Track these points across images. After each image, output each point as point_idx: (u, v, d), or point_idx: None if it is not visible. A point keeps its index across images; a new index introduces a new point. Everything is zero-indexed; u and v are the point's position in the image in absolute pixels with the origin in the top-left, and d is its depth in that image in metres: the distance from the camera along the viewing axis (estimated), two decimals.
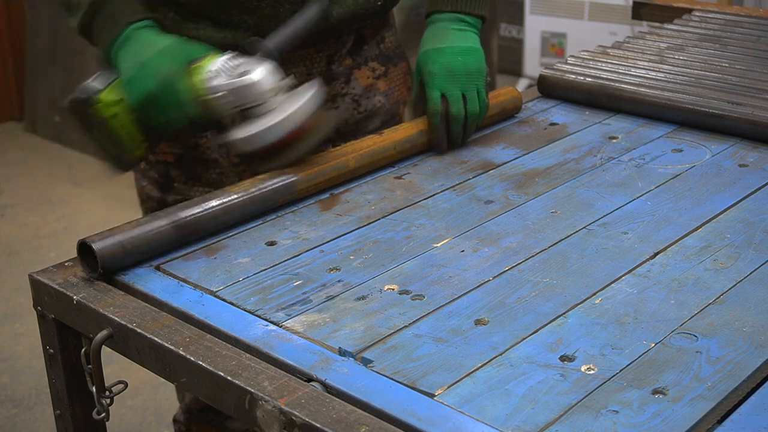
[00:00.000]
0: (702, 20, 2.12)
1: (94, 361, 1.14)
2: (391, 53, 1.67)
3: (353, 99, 1.62)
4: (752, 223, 1.30)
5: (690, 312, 1.09)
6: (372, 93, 1.64)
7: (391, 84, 1.67)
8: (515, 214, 1.35)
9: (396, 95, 1.68)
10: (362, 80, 1.62)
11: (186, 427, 1.80)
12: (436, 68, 1.52)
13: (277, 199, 1.36)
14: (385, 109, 1.66)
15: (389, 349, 1.03)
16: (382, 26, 1.66)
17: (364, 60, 1.62)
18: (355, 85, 1.61)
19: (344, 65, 1.60)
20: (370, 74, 1.63)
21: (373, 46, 1.64)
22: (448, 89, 1.52)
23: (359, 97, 1.62)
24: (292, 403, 0.94)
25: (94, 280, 1.18)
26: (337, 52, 1.58)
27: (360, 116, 1.63)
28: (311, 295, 1.15)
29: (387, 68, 1.66)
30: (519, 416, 0.92)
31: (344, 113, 1.56)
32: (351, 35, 1.60)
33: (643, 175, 1.46)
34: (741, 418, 0.92)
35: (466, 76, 1.53)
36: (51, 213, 3.88)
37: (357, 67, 1.62)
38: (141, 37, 1.35)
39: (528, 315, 1.09)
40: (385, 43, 1.66)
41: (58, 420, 1.26)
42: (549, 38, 4.74)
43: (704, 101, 1.64)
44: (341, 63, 1.59)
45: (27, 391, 2.75)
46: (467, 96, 1.53)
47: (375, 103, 1.64)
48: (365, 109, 1.63)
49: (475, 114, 1.54)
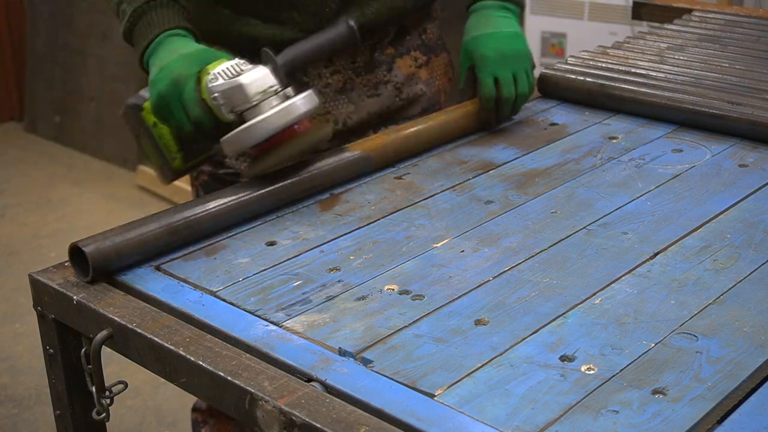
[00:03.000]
0: (702, 20, 2.12)
1: (94, 361, 1.14)
2: (433, 44, 1.72)
3: (395, 86, 1.67)
4: (752, 223, 1.30)
5: (690, 312, 1.09)
6: (414, 81, 1.68)
7: (432, 73, 1.71)
8: (515, 214, 1.35)
9: (437, 84, 1.73)
10: (404, 69, 1.67)
11: (203, 417, 1.80)
12: (489, 52, 1.58)
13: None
14: (426, 97, 1.70)
15: (389, 349, 1.03)
16: (425, 18, 1.71)
17: (407, 50, 1.68)
18: (398, 73, 1.66)
19: (386, 54, 1.65)
20: (412, 63, 1.68)
21: (415, 37, 1.69)
22: (501, 72, 1.57)
23: (401, 85, 1.67)
24: (292, 403, 0.94)
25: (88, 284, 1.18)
26: (379, 41, 1.63)
27: (401, 103, 1.67)
28: (311, 295, 1.15)
29: (429, 58, 1.71)
30: (519, 416, 0.92)
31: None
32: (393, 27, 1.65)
33: (643, 175, 1.46)
34: (741, 418, 0.92)
35: (516, 59, 1.59)
36: (51, 213, 3.89)
37: (399, 56, 1.67)
38: (169, 44, 1.40)
39: (528, 315, 1.09)
40: (427, 33, 1.71)
41: (58, 420, 1.26)
42: (549, 38, 4.74)
43: (704, 101, 1.64)
44: (383, 52, 1.65)
45: (27, 391, 2.75)
46: (517, 77, 1.58)
47: (416, 90, 1.69)
48: (407, 96, 1.68)
49: (524, 95, 1.61)
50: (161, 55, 1.39)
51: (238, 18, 1.57)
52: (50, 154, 4.48)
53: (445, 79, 1.76)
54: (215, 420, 1.79)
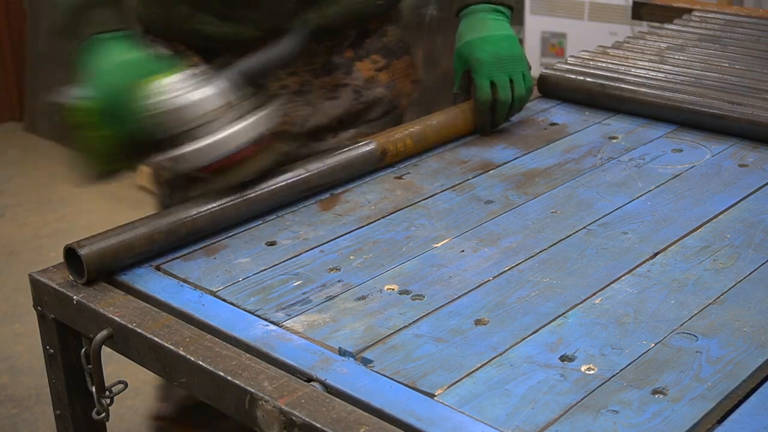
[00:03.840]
0: (702, 20, 2.12)
1: (94, 361, 1.14)
2: (394, 47, 1.69)
3: (354, 90, 1.63)
4: (752, 223, 1.30)
5: (690, 312, 1.09)
6: (373, 84, 1.66)
7: (392, 77, 1.69)
8: (515, 214, 1.35)
9: (397, 87, 1.70)
10: (364, 72, 1.64)
11: (167, 425, 1.78)
12: (484, 56, 1.57)
13: None
14: (386, 101, 1.68)
15: (389, 349, 1.03)
16: (385, 21, 1.68)
17: (366, 53, 1.65)
18: (357, 76, 1.63)
19: (345, 57, 1.62)
20: (372, 66, 1.65)
21: (375, 40, 1.66)
22: (497, 76, 1.57)
23: (361, 88, 1.64)
24: (292, 403, 0.94)
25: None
26: (338, 44, 1.60)
27: (360, 106, 1.64)
28: (311, 295, 1.15)
29: (389, 61, 1.68)
30: (519, 416, 0.92)
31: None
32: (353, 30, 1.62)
33: (643, 175, 1.46)
34: (741, 418, 0.92)
35: (512, 61, 1.58)
36: (51, 213, 3.88)
37: (359, 59, 1.64)
38: (105, 47, 1.33)
39: (528, 315, 1.09)
40: (387, 36, 1.68)
41: (58, 420, 1.26)
42: (549, 38, 4.74)
43: (704, 101, 1.64)
44: (342, 55, 1.62)
45: (27, 391, 2.75)
46: (514, 80, 1.58)
47: (376, 94, 1.66)
48: (366, 99, 1.65)
49: (521, 97, 1.60)
50: (96, 59, 1.32)
51: (195, 15, 1.53)
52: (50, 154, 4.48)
53: (406, 82, 1.73)
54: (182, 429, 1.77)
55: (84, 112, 1.28)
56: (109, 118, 1.28)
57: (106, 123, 1.29)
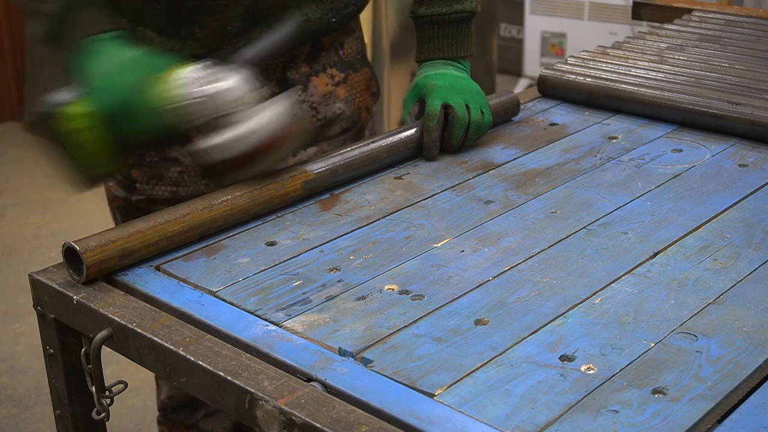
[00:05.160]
0: (702, 20, 2.12)
1: (94, 361, 1.14)
2: (352, 59, 1.65)
3: (311, 106, 1.59)
4: (752, 223, 1.30)
5: (690, 312, 1.09)
6: (331, 100, 1.61)
7: (351, 90, 1.64)
8: (515, 214, 1.35)
9: (357, 101, 1.66)
10: (320, 87, 1.60)
11: (168, 429, 1.78)
12: (440, 82, 1.53)
13: None
14: (345, 116, 1.63)
15: (389, 349, 1.03)
16: (342, 33, 1.63)
17: (322, 67, 1.60)
18: (314, 92, 1.59)
19: (300, 72, 1.58)
20: (329, 81, 1.61)
21: (331, 53, 1.61)
22: (452, 98, 1.52)
23: (318, 105, 1.59)
24: (292, 403, 0.94)
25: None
26: (292, 59, 1.56)
27: (318, 123, 1.60)
28: (311, 295, 1.15)
29: (347, 74, 1.63)
30: (519, 416, 0.92)
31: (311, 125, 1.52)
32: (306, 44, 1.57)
33: (643, 175, 1.46)
34: (741, 417, 0.92)
35: (469, 92, 1.54)
36: (51, 213, 3.89)
37: (314, 74, 1.59)
38: (107, 48, 1.31)
39: (528, 315, 1.09)
40: (344, 49, 1.63)
41: (58, 420, 1.26)
42: (549, 38, 4.74)
43: (704, 101, 1.64)
44: (297, 70, 1.57)
45: (27, 391, 2.75)
46: (471, 107, 1.53)
47: (335, 110, 1.61)
48: (324, 116, 1.60)
49: (478, 122, 1.53)
50: (100, 60, 1.30)
51: (136, 30, 1.48)
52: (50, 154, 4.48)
53: (366, 95, 1.68)
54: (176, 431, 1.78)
55: (79, 116, 1.26)
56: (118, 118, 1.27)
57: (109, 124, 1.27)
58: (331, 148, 1.58)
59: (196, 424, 1.75)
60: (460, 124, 1.51)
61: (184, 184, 1.55)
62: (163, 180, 1.55)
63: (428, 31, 1.61)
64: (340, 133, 1.63)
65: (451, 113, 1.51)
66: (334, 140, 1.62)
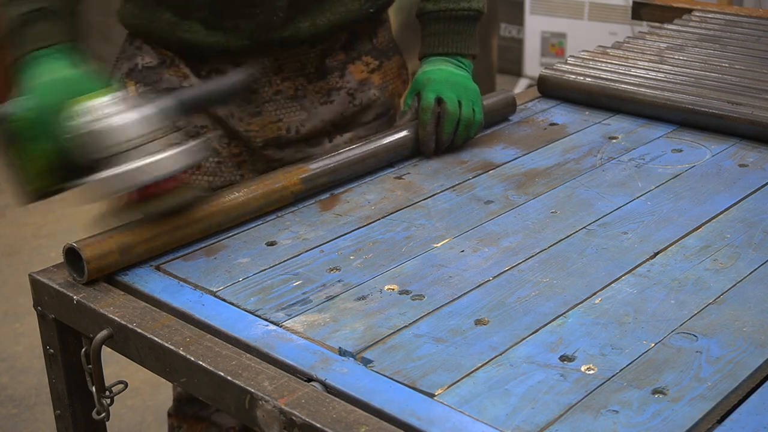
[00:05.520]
0: (702, 20, 2.12)
1: (94, 361, 1.14)
2: (384, 47, 1.69)
3: (348, 92, 1.63)
4: (752, 223, 1.30)
5: (690, 312, 1.09)
6: (367, 86, 1.65)
7: (385, 77, 1.68)
8: (515, 214, 1.35)
9: (391, 88, 1.70)
10: (357, 74, 1.64)
11: (178, 422, 1.79)
12: (435, 76, 1.56)
13: None
14: (380, 102, 1.67)
15: (389, 349, 1.03)
16: (375, 23, 1.68)
17: (358, 54, 1.64)
18: (350, 79, 1.63)
19: (337, 60, 1.62)
20: (365, 68, 1.65)
21: (366, 42, 1.65)
22: (445, 93, 1.54)
23: (354, 91, 1.64)
24: (292, 403, 0.94)
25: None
26: (330, 47, 1.60)
27: (355, 109, 1.64)
28: (311, 295, 1.15)
29: (381, 62, 1.68)
30: (519, 416, 0.92)
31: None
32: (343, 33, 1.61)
33: (643, 175, 1.46)
34: (741, 417, 0.92)
35: (464, 88, 1.57)
36: (51, 213, 3.88)
37: (351, 61, 1.63)
38: (43, 63, 1.29)
39: (528, 315, 1.09)
40: (378, 38, 1.68)
41: (58, 420, 1.26)
42: (549, 38, 4.74)
43: (704, 101, 1.64)
44: (334, 58, 1.61)
45: (27, 391, 2.75)
46: (462, 103, 1.55)
47: (370, 96, 1.65)
48: (360, 102, 1.64)
49: (469, 119, 1.55)
50: (33, 73, 1.27)
51: (181, 23, 1.49)
52: None
53: (399, 81, 1.72)
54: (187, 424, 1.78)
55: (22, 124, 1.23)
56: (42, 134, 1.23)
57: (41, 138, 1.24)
58: (367, 134, 1.62)
59: (209, 417, 1.76)
60: (450, 119, 1.54)
61: (220, 174, 1.57)
62: (200, 169, 1.57)
63: (434, 26, 1.63)
64: (374, 118, 1.67)
65: (443, 107, 1.54)
66: (369, 125, 1.66)
